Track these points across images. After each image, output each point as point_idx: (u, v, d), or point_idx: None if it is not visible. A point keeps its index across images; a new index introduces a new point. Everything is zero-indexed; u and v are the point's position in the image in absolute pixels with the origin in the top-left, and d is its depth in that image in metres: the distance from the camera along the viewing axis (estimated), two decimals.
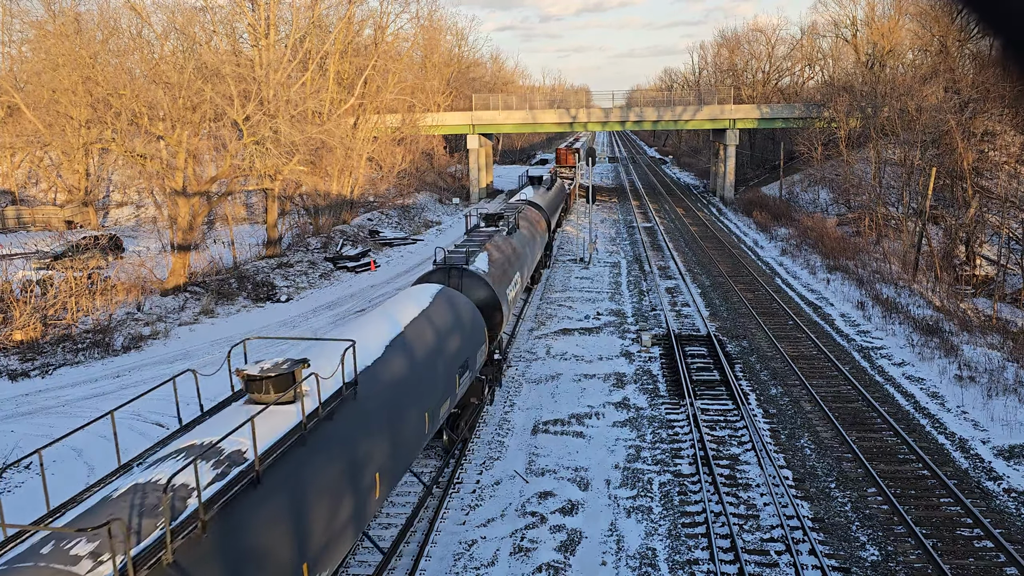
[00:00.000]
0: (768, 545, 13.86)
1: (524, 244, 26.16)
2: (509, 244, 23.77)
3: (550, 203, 38.86)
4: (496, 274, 20.11)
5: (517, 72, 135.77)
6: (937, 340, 25.13)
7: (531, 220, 30.07)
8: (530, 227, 29.04)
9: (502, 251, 22.35)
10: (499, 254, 21.85)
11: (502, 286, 20.25)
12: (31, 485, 16.62)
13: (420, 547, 13.77)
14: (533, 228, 29.74)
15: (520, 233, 26.27)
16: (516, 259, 23.66)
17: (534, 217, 31.38)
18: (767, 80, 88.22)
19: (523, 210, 30.71)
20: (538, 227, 31.24)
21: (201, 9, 44.29)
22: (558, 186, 46.63)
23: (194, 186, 35.83)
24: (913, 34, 63.18)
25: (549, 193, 40.43)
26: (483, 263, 19.96)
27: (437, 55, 78.27)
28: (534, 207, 33.76)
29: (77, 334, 26.37)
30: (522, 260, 25.02)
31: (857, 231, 47.03)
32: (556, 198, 42.93)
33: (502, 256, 22.04)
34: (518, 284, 23.23)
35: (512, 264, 22.86)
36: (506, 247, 23.14)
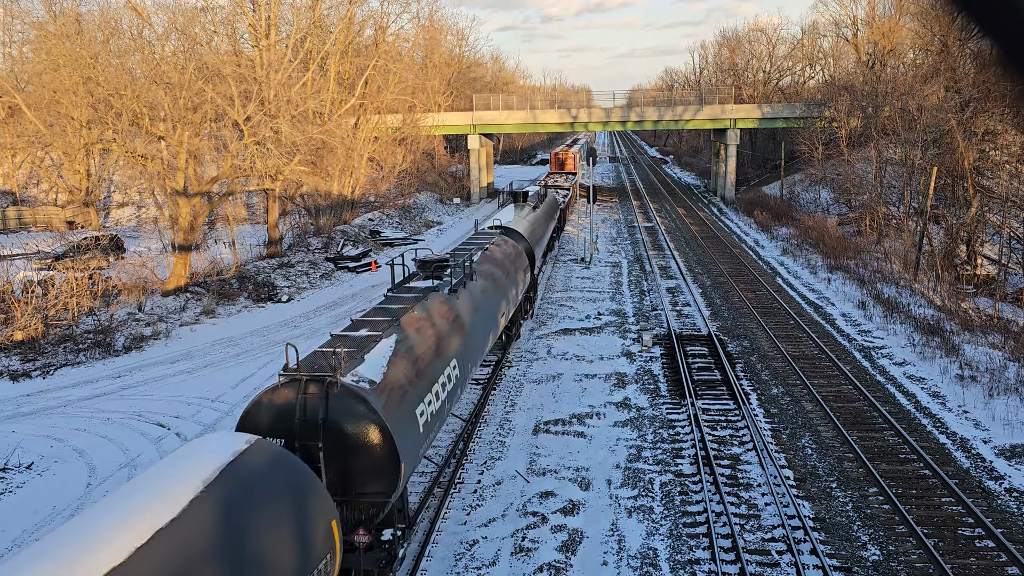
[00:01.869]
0: (769, 545, 13.86)
1: (478, 306, 17.99)
2: (444, 316, 15.58)
3: (535, 228, 30.51)
4: (392, 399, 11.50)
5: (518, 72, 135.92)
6: (938, 340, 25.13)
7: (501, 261, 21.99)
8: (497, 272, 20.89)
9: (423, 336, 14.02)
10: (417, 339, 13.68)
11: (403, 423, 11.53)
12: (32, 485, 16.63)
13: (421, 547, 13.77)
14: (504, 271, 21.72)
15: (471, 291, 18.04)
16: (452, 342, 15.16)
17: (508, 254, 23.18)
18: (768, 80, 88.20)
19: (489, 246, 22.28)
20: (514, 267, 23.04)
21: (202, 10, 44.34)
22: (549, 202, 38.23)
23: (195, 186, 35.84)
24: (914, 33, 63.12)
25: (535, 213, 32.31)
26: (372, 372, 11.61)
27: (438, 55, 78.30)
28: (511, 237, 25.88)
29: (78, 334, 26.39)
30: (469, 337, 16.44)
31: (858, 231, 47.01)
32: (544, 219, 34.36)
33: (420, 347, 13.57)
34: (446, 392, 14.04)
35: (439, 358, 14.10)
36: (437, 324, 14.99)
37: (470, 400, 20.78)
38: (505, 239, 24.53)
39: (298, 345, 26.19)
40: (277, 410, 10.76)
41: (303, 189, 47.30)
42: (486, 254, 21.45)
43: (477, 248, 21.82)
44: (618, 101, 71.71)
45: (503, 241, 24.00)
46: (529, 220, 29.94)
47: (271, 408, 10.80)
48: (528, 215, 30.71)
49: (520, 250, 25.01)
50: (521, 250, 25.13)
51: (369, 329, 13.26)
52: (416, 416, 12.17)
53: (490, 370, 23.21)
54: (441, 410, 13.63)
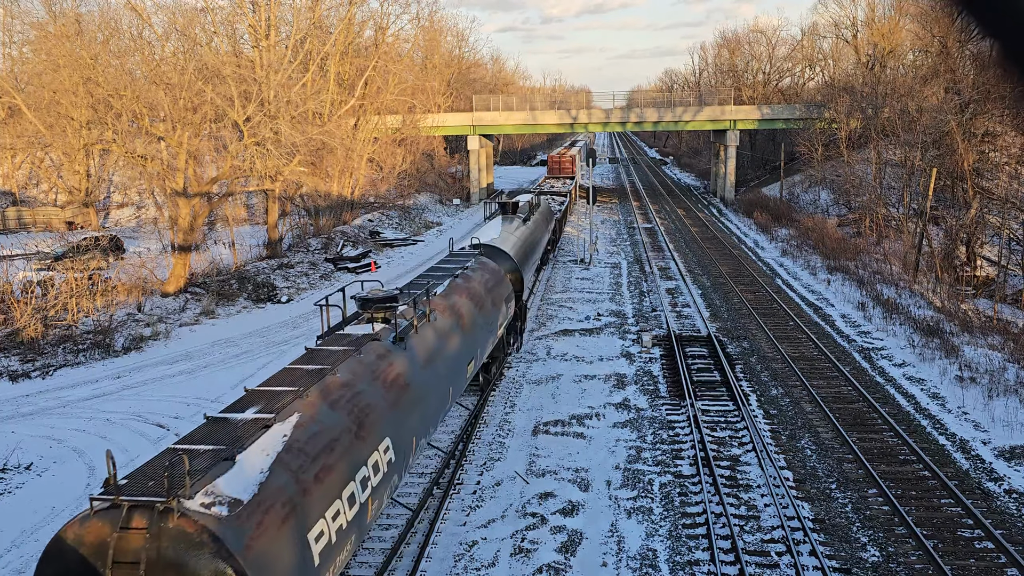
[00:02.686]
0: (769, 546, 13.85)
1: (436, 356, 14.51)
2: (381, 376, 12.10)
3: (525, 245, 26.61)
4: (266, 527, 8.06)
5: (518, 73, 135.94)
6: (938, 341, 25.12)
7: (475, 291, 18.51)
8: (467, 308, 17.47)
9: (339, 411, 10.53)
10: (328, 421, 10.16)
11: (280, 561, 8.11)
12: (32, 486, 16.62)
13: (420, 548, 13.76)
14: (478, 304, 18.28)
15: (426, 338, 14.40)
16: (387, 414, 11.64)
17: (485, 281, 19.64)
18: (768, 81, 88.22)
19: (461, 273, 18.84)
20: (492, 298, 19.56)
21: (202, 10, 44.36)
22: (543, 213, 34.28)
23: (195, 187, 35.84)
24: (913, 35, 63.15)
25: (526, 227, 28.37)
26: (239, 486, 8.21)
27: (438, 56, 78.32)
28: (494, 257, 22.20)
29: (78, 335, 26.38)
30: (416, 402, 12.91)
31: (858, 232, 47.02)
32: (536, 233, 30.28)
33: (329, 432, 10.00)
34: (369, 490, 10.43)
35: (361, 442, 10.59)
36: (366, 390, 11.45)
37: (469, 401, 20.76)
38: (484, 262, 20.91)
39: (296, 347, 26.20)
40: (85, 554, 7.39)
41: (303, 190, 47.31)
42: (456, 284, 18.04)
43: (445, 276, 18.34)
44: (618, 102, 71.70)
45: (481, 265, 20.43)
46: (518, 236, 26.27)
47: (76, 551, 7.41)
48: (517, 229, 27.01)
49: (502, 275, 21.31)
50: (504, 275, 21.46)
51: (260, 408, 9.69)
52: (308, 544, 8.56)
53: (494, 369, 23.11)
54: (359, 519, 9.89)
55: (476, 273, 19.66)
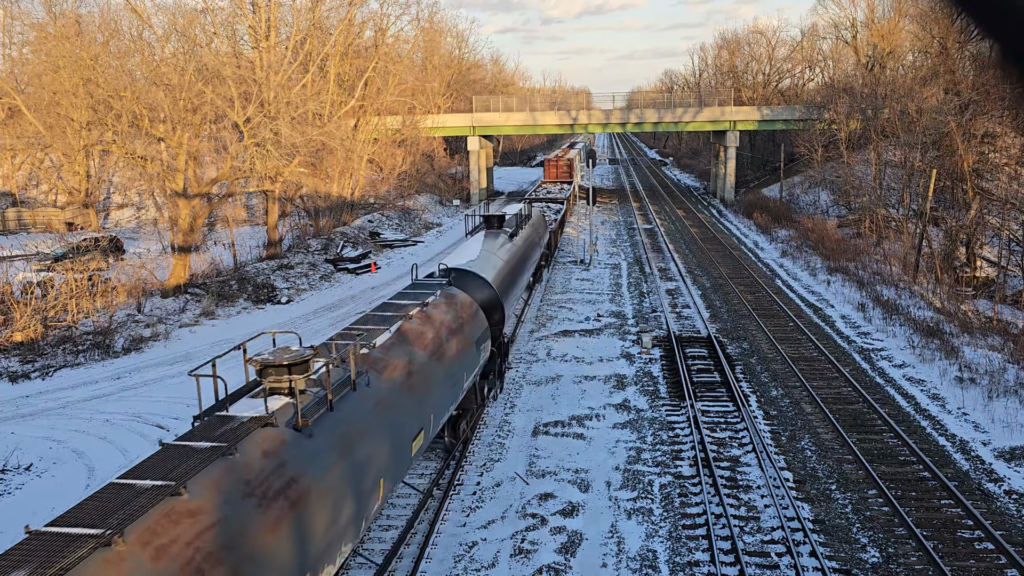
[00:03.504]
0: (769, 547, 13.85)
1: (355, 446, 10.63)
2: (257, 498, 8.35)
3: (510, 267, 22.46)
4: None
5: (518, 74, 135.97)
6: (938, 342, 25.12)
7: (432, 339, 14.49)
8: (418, 361, 13.57)
9: None
10: None
11: None
12: (32, 487, 16.62)
13: (420, 548, 13.76)
14: (435, 354, 14.38)
15: (345, 414, 10.67)
16: None
17: (448, 323, 15.60)
18: (767, 82, 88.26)
19: (417, 315, 14.75)
20: (456, 345, 15.56)
21: (202, 11, 44.38)
22: (534, 226, 29.90)
23: (195, 188, 35.85)
24: (913, 36, 63.20)
25: (513, 245, 24.46)
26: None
27: (437, 57, 78.35)
28: (467, 286, 18.35)
29: (77, 336, 26.38)
30: (317, 520, 9.24)
31: (857, 233, 47.03)
32: (525, 251, 26.04)
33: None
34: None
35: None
36: (229, 525, 7.75)
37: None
38: (452, 295, 16.97)
39: None
40: None
41: (303, 191, 47.33)
42: (408, 328, 13.95)
43: (394, 318, 14.33)
44: (618, 103, 71.69)
45: (448, 299, 16.53)
46: (501, 256, 22.35)
47: None
48: (501, 248, 23.07)
49: (475, 309, 17.30)
50: (477, 309, 17.40)
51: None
52: None
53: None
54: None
55: (439, 310, 15.70)
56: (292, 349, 10.68)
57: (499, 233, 24.74)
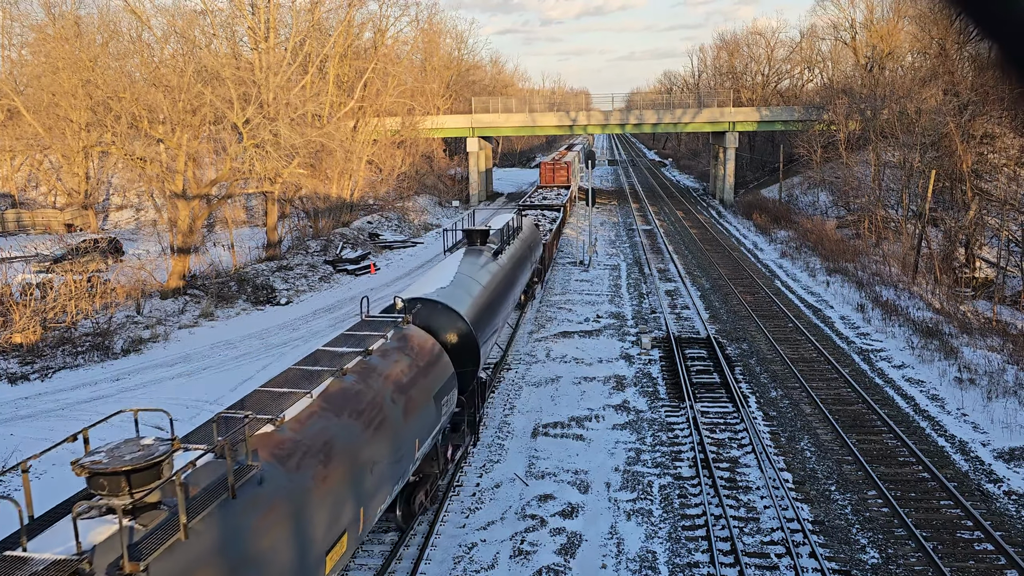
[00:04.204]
0: (768, 548, 13.85)
1: None
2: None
3: (490, 296, 19.06)
4: None
5: (517, 75, 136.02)
6: (937, 342, 25.13)
7: (376, 399, 11.57)
8: (349, 433, 10.51)
9: None
10: None
11: None
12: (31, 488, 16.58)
13: (420, 549, 13.76)
14: (376, 421, 11.36)
15: (198, 549, 7.18)
16: None
17: (398, 380, 12.44)
18: (766, 83, 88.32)
19: (359, 366, 11.92)
20: (410, 401, 12.56)
21: (201, 12, 44.37)
22: (524, 241, 26.77)
23: (194, 189, 35.84)
24: (912, 36, 63.24)
25: (496, 266, 21.28)
26: None
27: (437, 58, 78.37)
28: (434, 320, 15.68)
29: (77, 337, 26.36)
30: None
31: (856, 233, 47.04)
32: (511, 274, 22.71)
33: None
34: None
35: None
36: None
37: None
38: (409, 336, 13.82)
39: (296, 348, 26.19)
40: None
41: (302, 192, 47.32)
42: (338, 388, 10.92)
43: (320, 375, 11.16)
44: (617, 104, 71.80)
45: (401, 343, 13.40)
46: (482, 279, 19.25)
47: None
48: (482, 269, 19.95)
49: (436, 354, 14.17)
50: (439, 354, 14.27)
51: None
52: None
53: (489, 372, 23.03)
54: None
55: (388, 359, 12.56)
56: (143, 442, 7.67)
57: (481, 251, 21.61)
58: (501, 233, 23.77)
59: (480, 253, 21.37)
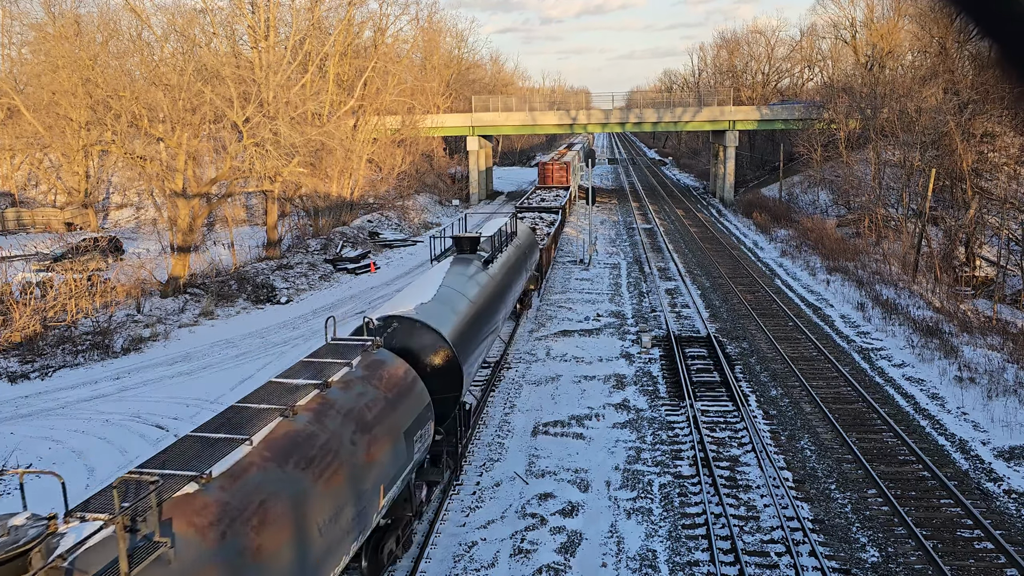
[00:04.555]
0: (768, 546, 13.85)
1: None
2: None
3: (478, 312, 17.39)
4: None
5: (517, 74, 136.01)
6: (937, 341, 25.14)
7: (332, 441, 9.94)
8: (298, 485, 8.97)
9: None
10: None
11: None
12: (31, 487, 16.58)
13: (420, 548, 13.77)
14: (331, 469, 9.68)
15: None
16: None
17: (360, 417, 10.84)
18: (767, 81, 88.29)
19: (316, 401, 10.35)
20: (376, 439, 10.99)
21: (201, 11, 44.34)
22: (519, 246, 25.09)
23: (194, 188, 35.84)
24: (912, 35, 63.20)
25: (487, 276, 19.71)
26: None
27: (437, 57, 78.35)
28: (411, 339, 14.16)
29: (77, 336, 26.36)
30: None
31: (857, 232, 47.04)
32: (504, 283, 21.08)
33: None
34: None
35: None
36: None
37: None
38: (377, 365, 12.25)
39: (296, 347, 26.19)
40: None
41: (302, 191, 47.32)
42: (284, 433, 9.33)
43: (262, 417, 9.56)
44: (617, 103, 71.80)
45: (369, 371, 11.87)
46: (470, 292, 17.61)
47: None
48: (470, 281, 18.34)
49: (410, 383, 12.58)
50: (413, 382, 12.71)
51: None
52: None
53: (489, 371, 23.09)
54: None
55: (350, 393, 11.01)
56: (12, 522, 6.46)
57: (471, 261, 19.85)
58: (493, 240, 22.18)
59: (469, 263, 19.74)
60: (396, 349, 13.64)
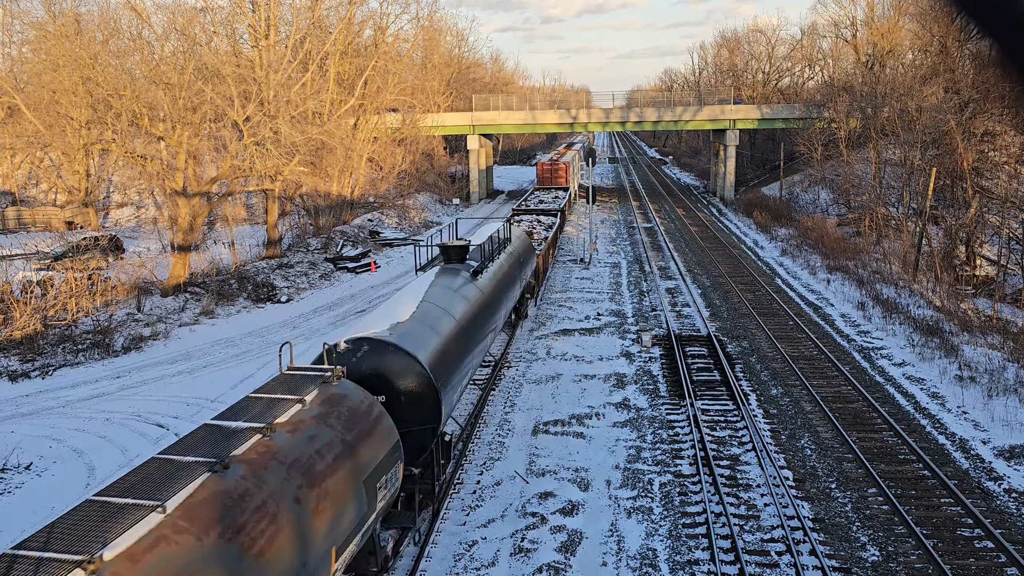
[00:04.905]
0: (769, 545, 13.86)
1: None
2: None
3: (462, 330, 15.79)
4: None
5: (517, 73, 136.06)
6: (937, 340, 25.13)
7: (288, 488, 8.58)
8: (229, 564, 7.33)
9: None
10: None
11: None
12: (32, 486, 16.62)
13: (420, 547, 13.77)
14: (283, 523, 8.18)
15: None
16: None
17: (309, 465, 9.12)
18: (767, 80, 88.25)
19: (252, 447, 8.63)
20: (335, 476, 9.42)
21: (201, 10, 44.35)
22: (512, 254, 23.50)
23: (194, 187, 35.84)
24: (913, 34, 63.19)
25: (475, 290, 18.07)
26: None
27: (437, 56, 78.33)
28: (382, 363, 12.57)
29: (77, 335, 26.38)
30: None
31: (857, 231, 47.03)
32: (495, 295, 19.59)
33: None
34: None
35: None
36: None
37: (469, 400, 20.75)
38: (338, 400, 10.65)
39: (296, 346, 26.23)
40: None
41: (302, 189, 47.32)
42: (213, 492, 7.72)
43: (190, 470, 7.99)
44: (617, 102, 71.73)
45: (328, 407, 10.33)
46: (455, 309, 15.96)
47: None
48: (456, 295, 16.68)
49: (374, 420, 10.95)
50: (378, 417, 11.08)
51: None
52: None
53: (490, 370, 23.10)
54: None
55: (298, 435, 9.40)
56: None
57: (458, 272, 18.19)
58: (483, 248, 20.61)
59: (456, 274, 18.04)
60: (366, 376, 12.16)
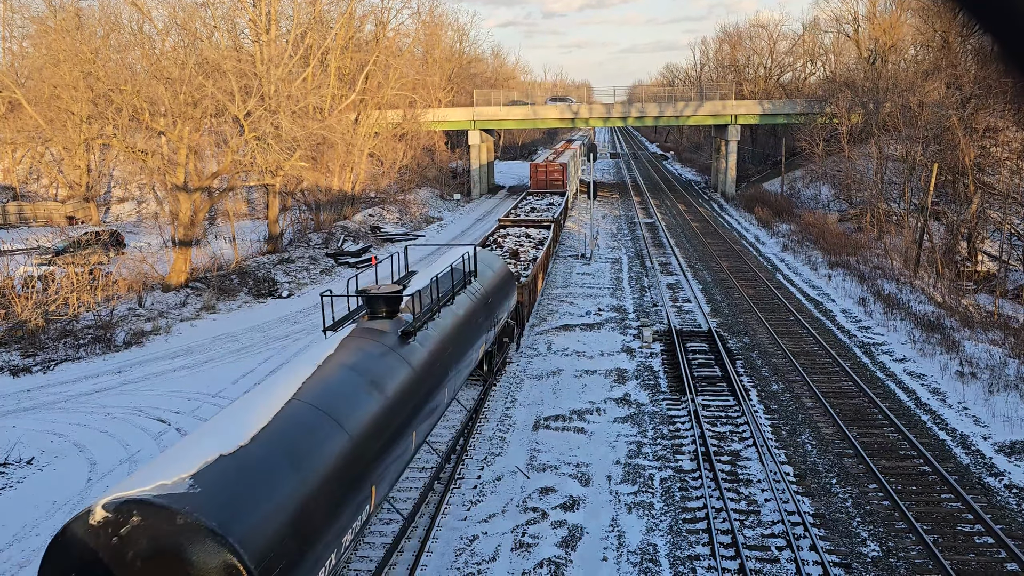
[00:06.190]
0: (769, 541, 13.88)
1: None
2: None
3: (357, 457, 9.68)
4: None
5: (519, 68, 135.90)
6: (938, 336, 25.12)
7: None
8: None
9: None
10: None
11: None
12: (33, 480, 16.65)
13: (421, 542, 13.80)
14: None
15: None
16: None
17: None
18: (769, 76, 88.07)
19: None
20: None
21: (202, 5, 44.25)
22: (477, 294, 18.04)
23: (195, 182, 35.83)
24: (915, 29, 63.02)
25: (405, 364, 12.38)
26: None
27: (438, 51, 78.22)
28: (177, 545, 7.14)
29: (78, 330, 26.40)
30: None
31: (858, 227, 46.97)
32: (441, 363, 14.10)
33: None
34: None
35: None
36: None
37: (470, 396, 20.77)
38: None
39: (297, 341, 26.22)
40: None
41: (303, 185, 47.29)
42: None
43: None
44: (619, 97, 71.66)
45: None
46: (355, 408, 10.32)
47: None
48: (368, 374, 11.32)
49: None
50: None
51: None
52: None
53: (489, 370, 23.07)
54: None
55: None
56: None
57: (380, 335, 12.66)
58: (431, 289, 15.36)
59: (378, 336, 12.52)
60: (135, 570, 7.17)
